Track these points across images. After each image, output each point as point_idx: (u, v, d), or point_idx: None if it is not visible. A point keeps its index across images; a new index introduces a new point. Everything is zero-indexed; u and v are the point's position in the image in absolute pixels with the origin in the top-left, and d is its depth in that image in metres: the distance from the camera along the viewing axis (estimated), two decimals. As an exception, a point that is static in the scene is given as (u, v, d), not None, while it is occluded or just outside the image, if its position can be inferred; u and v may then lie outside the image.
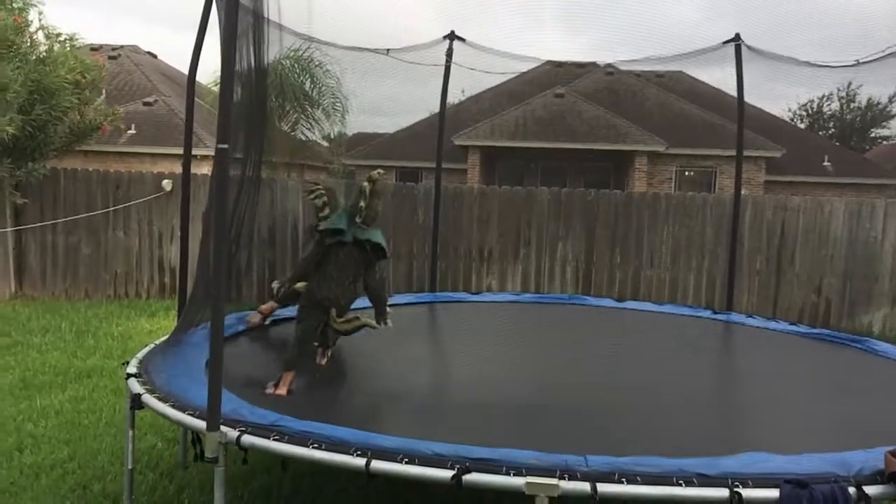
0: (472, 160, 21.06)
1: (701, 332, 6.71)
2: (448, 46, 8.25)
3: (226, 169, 3.44)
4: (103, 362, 7.22)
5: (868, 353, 5.75)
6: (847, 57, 6.94)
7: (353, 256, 4.82)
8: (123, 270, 10.98)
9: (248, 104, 4.86)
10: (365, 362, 5.36)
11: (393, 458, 2.99)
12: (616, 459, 2.94)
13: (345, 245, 4.81)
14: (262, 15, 4.57)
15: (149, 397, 3.79)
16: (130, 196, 10.86)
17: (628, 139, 20.49)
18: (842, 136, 33.61)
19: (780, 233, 10.33)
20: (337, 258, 4.79)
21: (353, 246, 4.84)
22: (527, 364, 5.37)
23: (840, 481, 2.88)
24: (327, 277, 4.78)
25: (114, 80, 20.33)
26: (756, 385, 4.98)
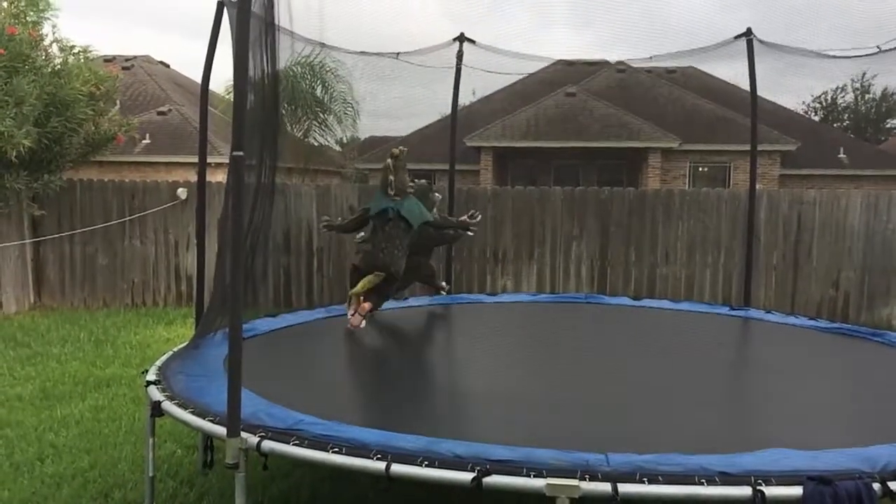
0: (484, 161, 21.05)
1: (719, 328, 6.67)
2: (458, 48, 8.25)
3: (241, 176, 3.46)
4: (122, 371, 7.27)
5: (889, 346, 5.69)
6: (861, 47, 6.87)
7: (399, 227, 5.48)
8: (140, 279, 11.05)
9: (261, 111, 4.89)
10: (385, 361, 5.37)
11: (413, 460, 2.98)
12: (637, 457, 2.92)
13: (389, 219, 5.49)
14: (273, 22, 4.60)
15: (168, 404, 3.82)
16: (146, 205, 10.93)
17: (641, 136, 20.41)
18: (857, 128, 33.33)
19: (796, 227, 10.25)
20: (383, 231, 5.51)
21: (398, 218, 5.51)
22: (545, 363, 5.36)
23: (864, 477, 2.84)
24: (375, 247, 5.56)
25: (128, 91, 20.49)
26: (776, 381, 4.93)
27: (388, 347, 5.87)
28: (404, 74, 8.37)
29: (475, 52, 8.34)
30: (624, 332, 6.52)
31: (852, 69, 8.26)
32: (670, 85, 23.10)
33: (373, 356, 5.59)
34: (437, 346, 6.16)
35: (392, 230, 5.52)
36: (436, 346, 6.16)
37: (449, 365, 5.57)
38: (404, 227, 5.55)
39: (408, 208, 5.61)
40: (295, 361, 5.19)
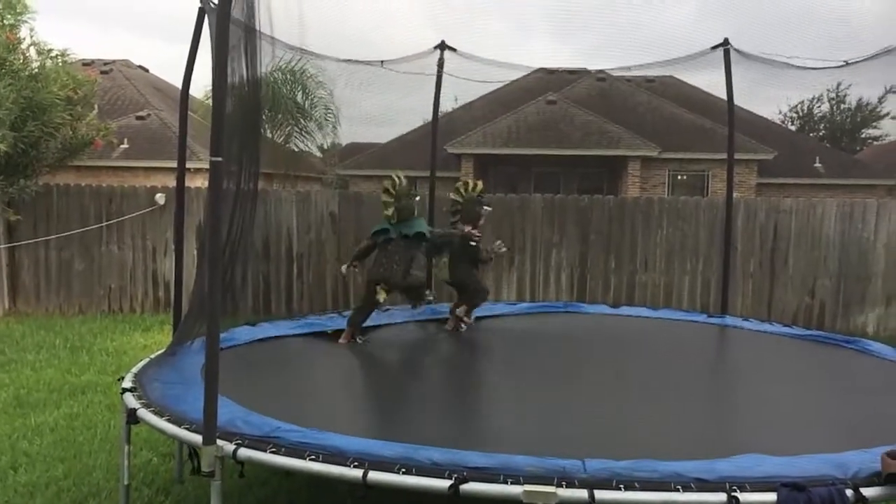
0: (465, 168, 21.07)
1: (696, 336, 6.73)
2: (439, 56, 8.27)
3: (220, 182, 3.45)
4: (98, 378, 7.20)
5: (862, 353, 5.77)
6: (836, 58, 6.97)
7: (399, 246, 6.14)
8: (117, 285, 10.95)
9: (241, 117, 4.87)
10: (364, 370, 5.37)
11: (390, 468, 2.98)
12: (614, 464, 2.94)
13: (391, 239, 6.18)
14: (254, 28, 4.58)
15: (144, 412, 3.79)
16: (124, 210, 10.84)
17: (621, 144, 20.55)
18: (832, 138, 33.74)
19: (773, 235, 10.36)
20: (385, 249, 6.19)
21: (400, 238, 6.17)
22: (524, 372, 5.37)
23: (837, 483, 2.88)
24: (377, 263, 6.25)
25: (106, 95, 20.33)
26: (752, 387, 4.98)
27: (367, 357, 5.86)
28: (385, 81, 8.37)
29: (456, 60, 8.36)
30: (602, 341, 6.55)
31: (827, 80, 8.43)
32: (650, 94, 23.29)
33: (351, 365, 5.58)
34: (415, 355, 6.16)
35: (392, 248, 6.17)
36: (414, 355, 6.16)
37: (427, 373, 5.57)
38: (404, 244, 6.16)
39: (408, 228, 6.20)
40: (273, 370, 5.17)
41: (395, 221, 6.23)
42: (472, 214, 6.67)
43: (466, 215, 6.65)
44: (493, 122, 21.78)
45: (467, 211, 6.68)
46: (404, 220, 6.24)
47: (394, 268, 6.14)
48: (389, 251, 6.18)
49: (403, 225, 6.21)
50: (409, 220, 6.26)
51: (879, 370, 5.31)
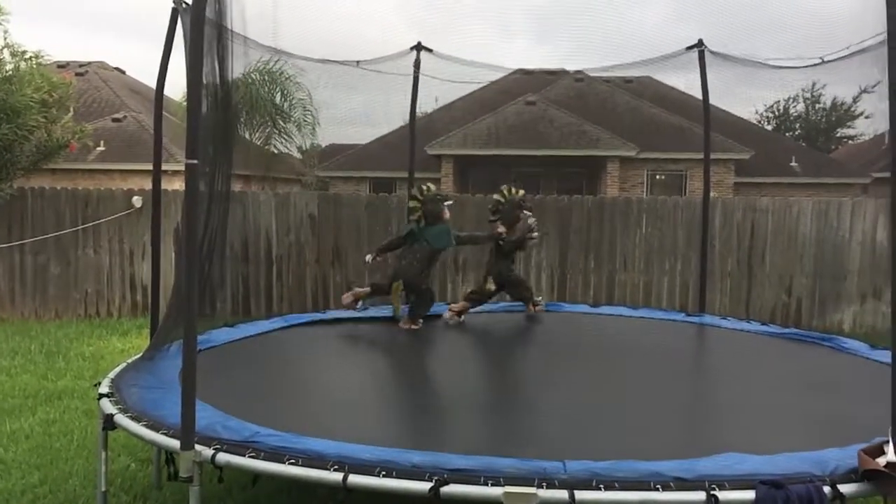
0: (445, 169, 21.09)
1: (675, 335, 6.76)
2: (416, 57, 8.26)
3: (196, 185, 3.42)
4: (74, 383, 7.11)
5: (838, 351, 5.82)
6: (811, 58, 7.03)
7: (423, 249, 6.67)
8: (94, 289, 10.83)
9: (216, 118, 4.84)
10: (343, 372, 5.34)
11: (370, 471, 2.97)
12: (594, 464, 2.95)
13: (416, 239, 6.69)
14: (227, 28, 4.55)
15: (121, 417, 3.75)
16: (100, 214, 10.73)
17: (600, 145, 20.65)
18: (808, 137, 34.11)
19: (750, 234, 10.46)
20: (411, 248, 6.72)
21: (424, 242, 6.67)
22: (504, 372, 5.38)
23: (815, 481, 2.91)
24: (400, 261, 6.82)
25: (82, 97, 20.11)
26: (730, 386, 5.01)
27: (347, 358, 5.84)
28: (365, 82, 8.35)
29: (436, 61, 8.36)
30: (582, 340, 6.57)
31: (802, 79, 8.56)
32: (628, 94, 23.43)
33: (331, 367, 5.55)
34: (395, 356, 6.14)
35: (416, 248, 6.68)
36: (395, 356, 6.14)
37: (407, 375, 5.55)
38: (428, 248, 6.68)
39: (432, 232, 6.67)
40: (252, 373, 5.13)
41: (422, 225, 6.69)
42: (511, 217, 6.98)
43: (505, 217, 6.98)
44: (473, 123, 21.81)
45: (507, 213, 7.00)
46: (430, 224, 6.69)
47: (414, 266, 6.68)
48: (413, 251, 6.71)
49: (429, 230, 6.68)
50: (434, 225, 6.70)
51: (856, 367, 5.36)
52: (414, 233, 6.75)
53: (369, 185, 22.35)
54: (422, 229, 6.71)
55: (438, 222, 6.73)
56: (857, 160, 25.57)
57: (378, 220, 10.70)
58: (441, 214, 6.78)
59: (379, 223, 10.68)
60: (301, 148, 20.09)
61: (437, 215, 6.71)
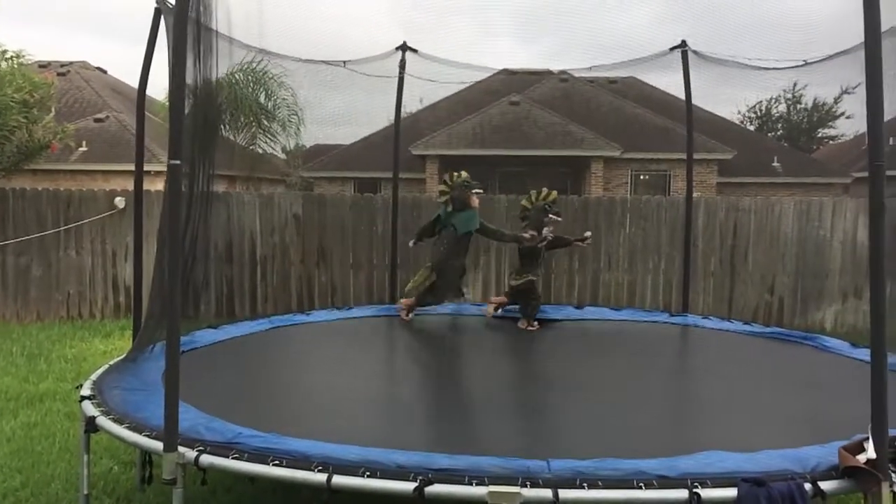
0: (430, 169, 21.08)
1: (658, 335, 6.80)
2: (401, 58, 8.26)
3: (178, 185, 3.41)
4: (56, 386, 7.04)
5: (820, 349, 5.89)
6: (793, 59, 7.09)
7: (451, 235, 6.92)
8: (76, 291, 10.74)
9: (199, 118, 4.82)
10: (327, 372, 5.32)
11: (355, 471, 2.97)
12: (578, 463, 2.97)
13: (444, 225, 6.97)
14: (211, 28, 4.53)
15: (104, 419, 3.72)
16: (82, 215, 10.63)
17: (584, 145, 20.71)
18: (790, 137, 34.39)
19: (732, 233, 10.52)
20: (441, 235, 7.02)
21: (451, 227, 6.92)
22: (489, 372, 5.38)
23: (796, 478, 2.94)
24: (434, 248, 7.10)
25: (63, 97, 19.94)
26: (713, 385, 5.06)
27: (331, 358, 5.83)
28: (349, 82, 8.33)
29: (421, 62, 8.36)
30: (566, 341, 6.59)
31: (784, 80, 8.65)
32: (612, 95, 23.51)
33: (315, 367, 5.54)
34: (380, 356, 6.14)
35: (445, 234, 6.97)
36: (379, 356, 6.14)
37: (391, 375, 5.56)
38: (454, 234, 6.91)
39: (459, 218, 6.89)
40: (236, 374, 5.12)
41: (449, 210, 6.92)
42: (537, 221, 7.14)
43: (532, 221, 7.15)
44: (458, 123, 21.81)
45: (533, 217, 7.18)
46: (458, 210, 6.90)
47: (441, 252, 6.97)
48: (443, 237, 7.00)
49: (455, 215, 6.90)
50: (462, 211, 6.90)
51: (836, 366, 5.43)
52: (440, 218, 7.00)
53: (354, 185, 22.31)
54: (448, 215, 6.93)
55: (466, 208, 6.92)
56: (839, 160, 25.80)
57: (363, 221, 10.68)
58: (468, 201, 6.96)
59: (364, 223, 10.66)
60: (285, 148, 20.03)
61: (464, 201, 6.91)
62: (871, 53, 3.07)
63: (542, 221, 7.16)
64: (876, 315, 3.07)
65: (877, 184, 3.09)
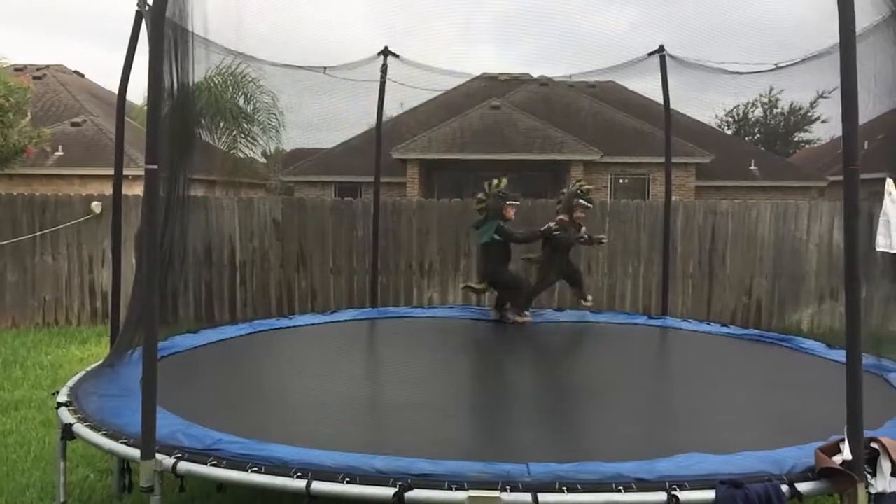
0: (410, 173, 21.08)
1: (638, 338, 6.84)
2: (382, 63, 8.26)
3: (156, 189, 3.38)
4: (32, 393, 6.95)
5: (796, 351, 5.95)
6: (769, 63, 7.15)
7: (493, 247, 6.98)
8: (52, 297, 10.61)
9: (177, 122, 4.79)
10: (308, 377, 5.30)
11: (334, 477, 2.96)
12: (557, 467, 2.97)
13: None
14: (189, 31, 4.51)
15: (80, 427, 3.69)
16: (58, 219, 10.51)
17: (564, 149, 20.81)
18: (767, 141, 34.75)
19: (710, 236, 10.60)
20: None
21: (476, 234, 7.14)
22: (470, 376, 5.39)
23: (773, 479, 2.97)
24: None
25: (39, 101, 19.74)
26: (692, 387, 5.09)
27: (312, 363, 5.80)
28: (329, 86, 8.30)
29: (401, 66, 8.36)
30: (547, 344, 6.61)
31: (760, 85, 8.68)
32: (591, 99, 23.63)
33: (296, 372, 5.51)
34: (360, 360, 6.13)
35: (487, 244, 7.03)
36: (360, 360, 6.12)
37: (372, 380, 5.55)
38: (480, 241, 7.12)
39: (482, 228, 7.00)
40: (216, 379, 5.08)
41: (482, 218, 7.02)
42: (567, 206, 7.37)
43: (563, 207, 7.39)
44: (438, 127, 21.83)
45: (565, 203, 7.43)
46: (490, 219, 6.95)
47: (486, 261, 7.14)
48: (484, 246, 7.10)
49: (481, 225, 7.03)
50: (487, 221, 6.97)
51: (813, 367, 5.48)
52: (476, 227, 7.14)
53: (335, 189, 22.26)
54: (479, 222, 7.04)
55: (499, 218, 6.93)
56: (815, 164, 26.09)
57: (343, 225, 10.65)
58: (501, 210, 6.98)
59: (344, 228, 10.63)
60: (265, 152, 19.93)
61: (497, 211, 6.94)
62: (845, 58, 3.11)
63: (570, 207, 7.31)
64: (851, 317, 3.10)
65: (851, 187, 3.13)
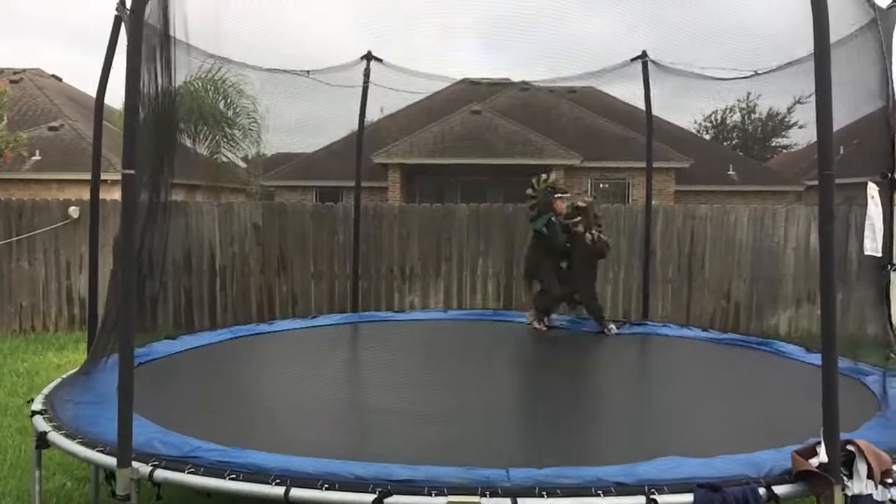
0: (392, 177, 21.07)
1: (618, 342, 6.86)
2: (365, 67, 8.25)
3: (133, 195, 3.35)
4: (7, 400, 6.86)
5: (774, 354, 6.00)
6: (747, 69, 7.22)
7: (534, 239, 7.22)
8: (29, 303, 10.48)
9: (156, 127, 4.75)
10: (288, 383, 5.27)
11: (313, 484, 2.95)
12: (537, 472, 2.98)
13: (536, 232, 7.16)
14: (170, 35, 4.48)
15: (55, 435, 3.64)
16: (35, 225, 10.39)
17: (544, 153, 20.88)
18: (745, 146, 35.06)
19: (690, 241, 10.67)
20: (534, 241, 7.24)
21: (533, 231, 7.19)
22: (450, 381, 5.37)
23: (751, 482, 2.99)
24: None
25: (16, 105, 19.51)
26: (671, 391, 5.12)
27: (292, 369, 5.77)
28: (310, 91, 8.28)
29: (383, 71, 8.35)
30: (527, 349, 6.63)
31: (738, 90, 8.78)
32: (572, 104, 23.73)
33: (275, 378, 5.48)
34: (340, 365, 6.10)
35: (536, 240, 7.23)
36: (340, 365, 6.10)
37: (353, 385, 5.53)
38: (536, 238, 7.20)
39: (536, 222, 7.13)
40: (194, 386, 5.04)
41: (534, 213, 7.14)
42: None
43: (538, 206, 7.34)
44: (419, 132, 21.84)
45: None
46: (542, 214, 7.09)
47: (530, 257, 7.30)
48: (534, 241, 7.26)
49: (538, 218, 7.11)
50: (540, 215, 7.10)
51: (790, 371, 5.53)
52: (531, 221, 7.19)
53: (316, 194, 22.19)
54: (534, 216, 7.15)
55: (549, 211, 7.06)
56: (792, 169, 26.37)
57: (324, 230, 10.61)
58: (550, 204, 7.12)
59: (325, 232, 10.60)
60: (246, 157, 19.84)
61: (548, 205, 7.09)
62: (820, 66, 3.15)
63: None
64: (826, 321, 3.13)
65: (826, 192, 3.16)
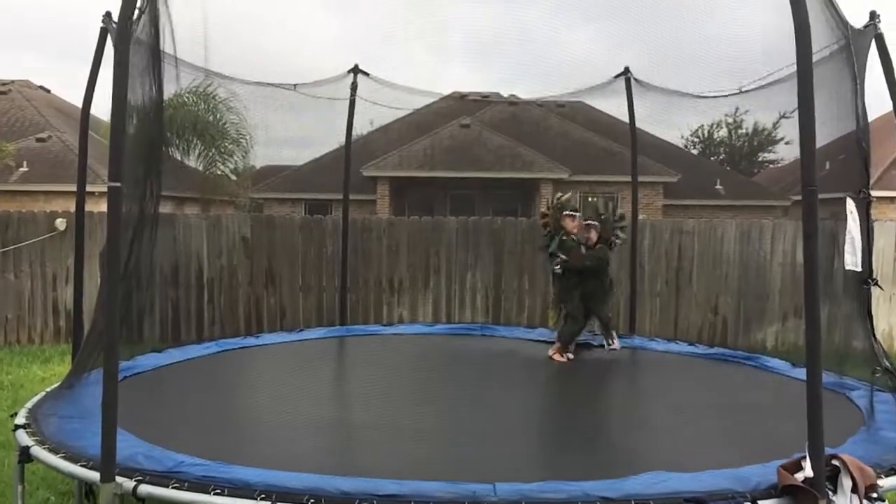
0: (381, 191, 21.07)
1: (605, 357, 6.87)
2: (353, 81, 8.28)
3: (119, 208, 3.34)
4: (-9, 414, 6.79)
5: (761, 369, 6.02)
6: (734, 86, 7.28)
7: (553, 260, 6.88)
8: (15, 315, 10.40)
9: (144, 139, 4.74)
10: (274, 397, 5.25)
11: (298, 499, 2.93)
12: (523, 486, 2.97)
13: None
14: (158, 48, 4.48)
15: (38, 449, 3.61)
16: (21, 237, 10.33)
17: (533, 167, 20.96)
18: (732, 161, 35.30)
19: (677, 255, 10.71)
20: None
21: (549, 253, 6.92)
22: (437, 396, 5.37)
23: (737, 497, 2.99)
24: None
25: (4, 116, 19.46)
26: (658, 406, 5.13)
27: (278, 382, 5.74)
28: (299, 104, 8.29)
29: (372, 85, 8.38)
30: (515, 363, 6.62)
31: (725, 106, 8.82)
32: (560, 118, 23.85)
33: (261, 392, 5.45)
34: (328, 379, 6.08)
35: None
36: (327, 379, 6.08)
37: (339, 399, 5.51)
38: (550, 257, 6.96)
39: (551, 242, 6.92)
40: (180, 399, 5.01)
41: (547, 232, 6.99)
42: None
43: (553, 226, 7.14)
44: (409, 145, 21.88)
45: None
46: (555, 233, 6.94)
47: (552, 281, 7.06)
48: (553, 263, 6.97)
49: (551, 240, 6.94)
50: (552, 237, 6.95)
51: (777, 385, 5.56)
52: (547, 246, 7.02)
53: (305, 206, 22.17)
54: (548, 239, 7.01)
55: (559, 231, 6.96)
56: (778, 183, 26.55)
57: (312, 243, 10.60)
58: (562, 224, 7.00)
59: (314, 245, 10.58)
60: (236, 169, 19.83)
61: (559, 225, 6.99)
62: (803, 83, 3.19)
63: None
64: (811, 336, 3.14)
65: (810, 207, 3.19)
